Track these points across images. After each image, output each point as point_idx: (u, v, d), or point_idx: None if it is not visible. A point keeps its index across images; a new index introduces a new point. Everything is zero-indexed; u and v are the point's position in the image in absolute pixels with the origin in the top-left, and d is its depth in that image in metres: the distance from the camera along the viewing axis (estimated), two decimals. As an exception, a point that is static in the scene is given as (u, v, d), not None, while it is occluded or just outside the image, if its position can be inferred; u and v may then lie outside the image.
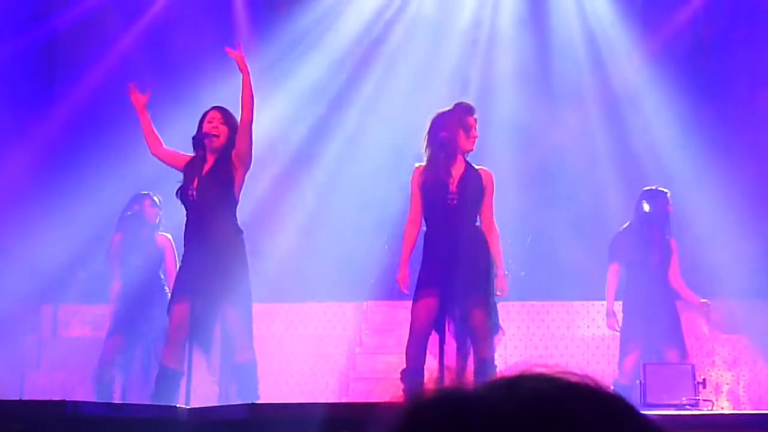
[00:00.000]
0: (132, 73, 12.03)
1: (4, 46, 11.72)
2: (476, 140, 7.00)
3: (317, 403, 7.73)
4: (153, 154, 7.56)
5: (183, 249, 7.51)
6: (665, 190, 8.99)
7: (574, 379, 0.96)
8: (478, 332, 6.83)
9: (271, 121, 11.56)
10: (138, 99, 7.55)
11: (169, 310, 7.35)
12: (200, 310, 7.20)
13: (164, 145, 7.54)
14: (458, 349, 6.88)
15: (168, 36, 11.95)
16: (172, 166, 7.50)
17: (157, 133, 7.54)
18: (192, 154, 7.43)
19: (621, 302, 9.04)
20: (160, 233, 9.09)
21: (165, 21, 12.05)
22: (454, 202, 6.90)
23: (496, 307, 6.98)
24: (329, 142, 11.90)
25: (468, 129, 6.97)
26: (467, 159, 7.04)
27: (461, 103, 7.16)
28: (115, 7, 12.22)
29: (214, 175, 7.25)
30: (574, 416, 0.91)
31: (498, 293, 7.01)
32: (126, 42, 12.12)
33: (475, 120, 7.03)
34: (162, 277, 8.97)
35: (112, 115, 11.78)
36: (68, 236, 10.71)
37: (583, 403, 0.93)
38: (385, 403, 0.97)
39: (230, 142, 7.31)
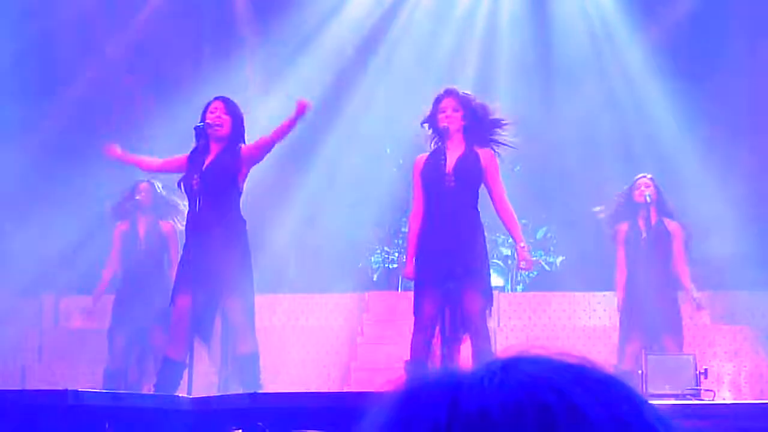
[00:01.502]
0: (133, 68, 12.04)
1: (2, 41, 11.72)
2: (449, 120, 6.99)
3: (319, 392, 7.74)
4: (154, 173, 7.71)
5: (185, 238, 7.49)
6: (649, 175, 8.97)
7: (571, 360, 0.96)
8: (474, 322, 6.83)
9: (273, 112, 11.56)
10: (115, 154, 7.70)
11: (171, 301, 7.35)
12: (202, 301, 7.20)
13: (154, 162, 7.65)
14: (455, 338, 6.90)
15: (168, 31, 11.94)
16: (176, 171, 7.51)
17: (142, 157, 7.75)
18: (179, 155, 7.45)
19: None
20: (164, 221, 9.11)
21: (165, 16, 12.04)
22: (452, 184, 6.91)
23: (491, 290, 7.03)
24: (330, 134, 11.90)
25: (442, 111, 7.03)
26: (466, 140, 7.02)
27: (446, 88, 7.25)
28: (115, 2, 12.22)
29: (219, 166, 7.24)
30: (571, 398, 0.91)
31: (522, 266, 7.08)
32: (126, 37, 12.12)
33: (449, 103, 7.04)
34: (165, 266, 8.97)
35: (113, 107, 11.79)
36: (69, 227, 10.71)
37: (580, 385, 0.93)
38: (382, 389, 0.97)
39: (234, 132, 7.31)
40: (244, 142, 7.39)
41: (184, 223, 7.63)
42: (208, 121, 7.31)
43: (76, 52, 12.12)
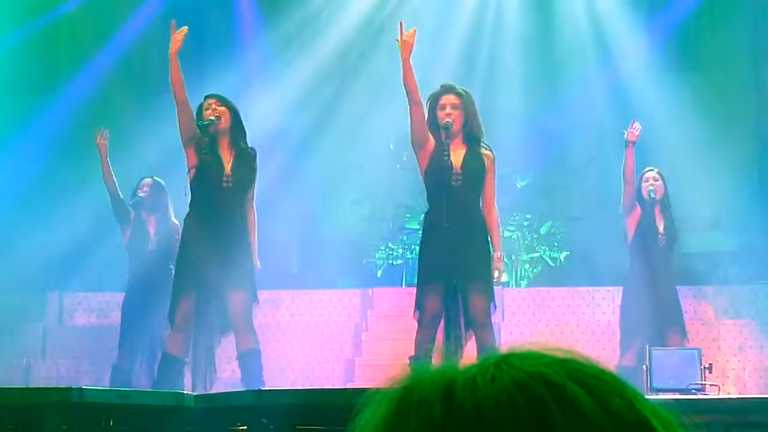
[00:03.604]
0: (137, 63, 12.05)
1: (7, 37, 11.73)
2: (448, 117, 6.98)
3: (324, 389, 7.73)
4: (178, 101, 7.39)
5: (187, 234, 7.44)
6: (656, 169, 8.96)
7: (563, 355, 0.97)
8: (479, 319, 6.86)
9: (276, 108, 11.56)
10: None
11: (175, 297, 7.35)
12: (205, 298, 7.22)
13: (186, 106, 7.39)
14: (459, 334, 6.92)
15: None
16: (179, 92, 7.34)
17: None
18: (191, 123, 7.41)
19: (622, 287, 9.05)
20: (172, 219, 9.12)
21: (170, 11, 12.03)
22: (459, 182, 6.93)
23: (493, 289, 7.03)
24: (334, 130, 11.90)
25: (442, 108, 7.02)
26: (467, 141, 7.04)
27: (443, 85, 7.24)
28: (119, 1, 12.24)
29: (244, 167, 7.31)
30: (564, 391, 0.92)
31: (494, 276, 7.03)
32: (131, 32, 12.12)
33: (448, 99, 7.03)
34: (171, 265, 8.95)
35: (118, 103, 11.79)
36: (73, 224, 10.71)
37: (573, 378, 0.93)
38: (380, 385, 0.98)
39: (234, 122, 7.35)
40: (246, 134, 7.43)
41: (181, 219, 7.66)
42: (207, 118, 7.32)
43: (79, 50, 12.11)
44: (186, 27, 7.36)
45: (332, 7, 12.27)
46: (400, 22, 7.07)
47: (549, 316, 10.81)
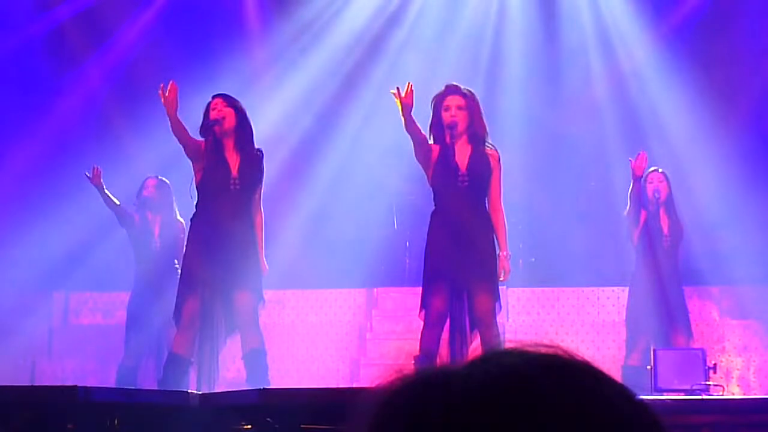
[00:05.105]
0: (141, 63, 12.06)
1: (12, 36, 11.74)
2: (453, 118, 7.00)
3: (328, 388, 7.75)
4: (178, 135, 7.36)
5: (195, 235, 7.44)
6: (660, 169, 8.97)
7: (544, 351, 0.99)
8: (485, 319, 6.87)
9: (281, 109, 11.57)
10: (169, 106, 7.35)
11: (181, 297, 7.35)
12: (214, 296, 7.24)
13: (186, 134, 7.36)
14: (463, 334, 6.93)
15: (178, 24, 11.94)
16: (188, 152, 7.36)
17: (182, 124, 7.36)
18: (196, 139, 7.40)
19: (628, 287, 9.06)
20: (177, 219, 9.12)
21: (173, 10, 12.04)
22: (465, 184, 6.94)
23: (498, 289, 7.05)
24: (340, 130, 11.90)
25: (446, 109, 7.04)
26: (472, 141, 7.05)
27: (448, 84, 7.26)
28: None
29: (250, 170, 7.30)
30: (540, 386, 0.94)
31: (500, 275, 7.04)
32: (135, 31, 12.13)
33: (453, 100, 7.05)
34: (176, 264, 8.95)
35: (121, 103, 11.80)
36: (79, 223, 10.72)
37: (547, 371, 0.95)
38: (370, 391, 1.01)
39: (240, 123, 7.34)
40: (253, 134, 7.42)
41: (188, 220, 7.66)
42: (212, 118, 7.32)
43: (87, 45, 12.12)
44: (174, 83, 7.28)
45: (337, 7, 12.27)
46: (397, 87, 7.08)
47: (554, 316, 10.82)
